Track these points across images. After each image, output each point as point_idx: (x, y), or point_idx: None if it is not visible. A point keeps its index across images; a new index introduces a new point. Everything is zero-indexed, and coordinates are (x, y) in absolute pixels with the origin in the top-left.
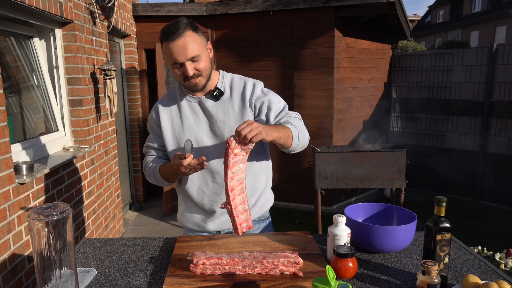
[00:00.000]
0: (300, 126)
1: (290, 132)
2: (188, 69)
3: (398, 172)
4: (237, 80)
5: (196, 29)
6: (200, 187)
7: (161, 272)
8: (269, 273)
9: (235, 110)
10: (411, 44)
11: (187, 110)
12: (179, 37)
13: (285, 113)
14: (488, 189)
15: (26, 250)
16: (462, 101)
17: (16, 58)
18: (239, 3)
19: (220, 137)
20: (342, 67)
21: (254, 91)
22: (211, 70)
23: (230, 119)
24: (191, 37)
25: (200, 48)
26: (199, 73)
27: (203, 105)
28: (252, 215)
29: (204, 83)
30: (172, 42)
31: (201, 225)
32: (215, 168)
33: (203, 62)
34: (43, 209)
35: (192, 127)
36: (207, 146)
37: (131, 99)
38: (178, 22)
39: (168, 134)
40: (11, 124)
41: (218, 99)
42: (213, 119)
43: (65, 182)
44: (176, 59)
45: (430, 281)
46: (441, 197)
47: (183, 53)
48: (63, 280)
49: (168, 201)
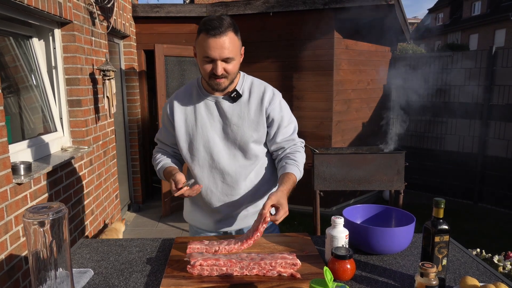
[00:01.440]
0: (302, 163)
1: (295, 181)
2: (218, 68)
3: (397, 174)
4: (257, 85)
5: (237, 31)
6: (209, 186)
7: (158, 273)
8: (266, 275)
9: (251, 115)
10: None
11: (203, 108)
12: (220, 34)
13: (291, 140)
14: (486, 191)
15: (23, 250)
16: (461, 104)
17: (15, 58)
18: (238, 5)
19: (232, 140)
20: (342, 69)
21: (272, 101)
22: (236, 75)
23: (245, 123)
24: (231, 38)
25: (235, 52)
26: (226, 74)
27: (219, 105)
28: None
29: (227, 84)
30: (212, 38)
31: (209, 225)
32: (224, 168)
33: (233, 65)
34: (38, 209)
35: (205, 125)
36: (219, 146)
37: (130, 100)
38: (222, 19)
39: (181, 130)
40: (10, 124)
41: (235, 101)
42: (227, 120)
43: (63, 183)
44: (210, 54)
45: (428, 283)
46: (439, 199)
47: (219, 51)
48: (59, 281)
49: (166, 203)
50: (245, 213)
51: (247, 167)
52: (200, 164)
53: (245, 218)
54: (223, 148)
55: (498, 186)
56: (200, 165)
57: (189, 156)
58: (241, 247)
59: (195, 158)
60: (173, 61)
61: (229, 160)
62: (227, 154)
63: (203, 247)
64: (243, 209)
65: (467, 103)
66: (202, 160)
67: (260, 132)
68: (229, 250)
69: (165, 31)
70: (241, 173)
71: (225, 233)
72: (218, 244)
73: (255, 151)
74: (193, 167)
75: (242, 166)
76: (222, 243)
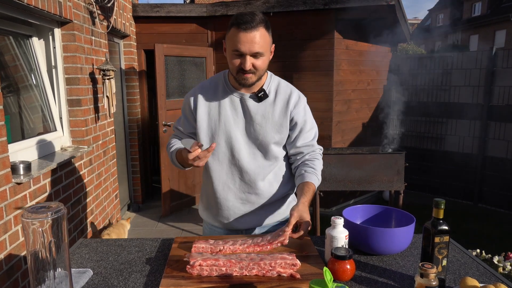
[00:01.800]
0: (320, 171)
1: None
2: (247, 63)
3: (397, 174)
4: (284, 86)
5: (268, 28)
6: (227, 183)
7: (157, 273)
8: (266, 275)
9: (275, 116)
10: (411, 47)
11: (227, 103)
12: (252, 29)
13: (311, 146)
14: (486, 192)
15: (22, 250)
16: (462, 104)
17: (15, 58)
18: (239, 5)
19: (254, 139)
20: (342, 69)
21: (297, 105)
22: (264, 71)
23: (268, 123)
24: (262, 34)
25: (265, 47)
26: (255, 70)
27: (244, 103)
28: (278, 217)
29: (254, 81)
30: (243, 32)
31: (222, 222)
32: (244, 166)
33: (262, 61)
34: (37, 208)
35: (229, 121)
36: (240, 143)
37: (130, 99)
38: (254, 14)
39: (203, 123)
40: (9, 123)
41: (261, 100)
42: (251, 119)
43: (63, 182)
44: (239, 48)
45: (428, 284)
46: (439, 199)
47: (249, 45)
48: (57, 281)
49: (166, 202)
50: (261, 212)
51: (266, 168)
52: (220, 159)
53: (260, 218)
54: (244, 146)
55: (498, 186)
56: (219, 160)
57: None
58: (246, 250)
59: (215, 152)
60: (173, 61)
61: (249, 158)
62: (247, 152)
63: (208, 246)
64: (258, 209)
65: (467, 104)
66: (222, 155)
67: (283, 134)
68: (233, 250)
69: (165, 31)
70: (259, 173)
71: (237, 232)
72: (223, 243)
73: (276, 153)
74: (212, 161)
75: (261, 166)
76: (227, 243)
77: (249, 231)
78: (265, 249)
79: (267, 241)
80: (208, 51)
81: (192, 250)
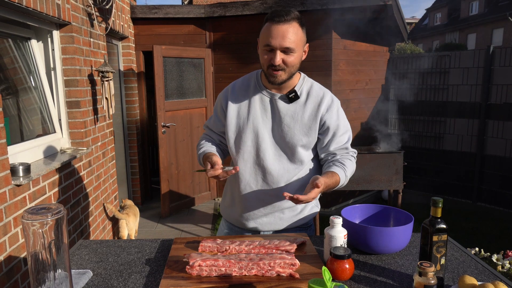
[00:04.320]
0: (350, 171)
1: (337, 184)
2: (277, 57)
3: (395, 174)
4: (316, 89)
5: (303, 25)
6: (249, 182)
7: (157, 274)
8: (265, 275)
9: (304, 119)
10: (408, 47)
11: (257, 102)
12: (284, 22)
13: (344, 148)
14: (485, 190)
15: (22, 252)
16: (460, 103)
17: (14, 60)
18: (237, 6)
19: (281, 140)
20: (340, 69)
21: (330, 108)
22: (296, 70)
23: (297, 125)
24: (294, 29)
25: (297, 43)
26: (284, 67)
27: (274, 103)
28: (299, 222)
29: (284, 78)
30: (275, 24)
31: (241, 222)
32: (268, 167)
33: (293, 58)
34: (37, 210)
35: (257, 120)
36: (266, 143)
37: (129, 101)
38: (290, 11)
39: (232, 122)
40: (8, 125)
41: (292, 101)
42: (280, 120)
43: (62, 184)
44: (270, 41)
45: (426, 283)
46: (437, 198)
47: (280, 38)
48: (57, 282)
49: (165, 203)
50: (281, 216)
51: (290, 171)
52: (245, 158)
53: (280, 221)
54: (271, 146)
55: (497, 185)
56: (244, 159)
57: (235, 148)
58: (252, 251)
59: (240, 150)
60: (171, 62)
61: (274, 159)
62: (273, 153)
63: (214, 245)
64: (279, 212)
65: (465, 103)
66: (248, 154)
67: (311, 138)
68: (238, 251)
69: (164, 32)
70: (283, 176)
71: (255, 232)
72: (230, 243)
73: (302, 156)
74: (238, 159)
75: (285, 168)
76: (234, 243)
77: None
78: (270, 252)
79: (274, 245)
80: (206, 52)
81: (199, 248)
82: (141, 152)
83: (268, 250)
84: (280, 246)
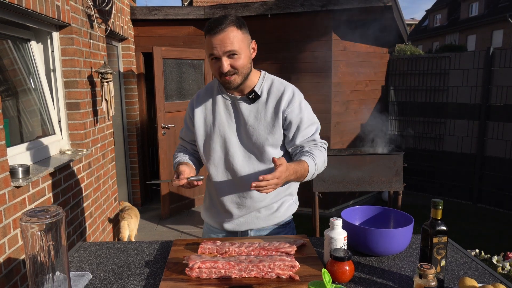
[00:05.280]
0: (320, 161)
1: (306, 172)
2: (224, 65)
3: (395, 175)
4: (277, 85)
5: (241, 26)
6: (222, 187)
7: (156, 276)
8: (265, 277)
9: (267, 117)
10: (408, 48)
11: (221, 107)
12: (220, 31)
13: (312, 140)
14: (485, 192)
15: (21, 254)
16: (460, 105)
17: (13, 61)
18: (236, 7)
19: (248, 141)
20: (340, 71)
21: (291, 103)
22: (249, 70)
23: (261, 125)
24: (232, 33)
25: (240, 45)
26: (235, 71)
27: (236, 106)
28: (275, 220)
29: (239, 82)
30: (213, 36)
31: (220, 224)
32: (238, 170)
33: (241, 60)
34: (35, 212)
35: (223, 125)
36: (235, 147)
37: (128, 102)
38: (224, 17)
39: (200, 129)
40: (8, 127)
41: (253, 101)
42: (244, 121)
43: (62, 186)
44: (213, 51)
45: (427, 285)
46: (437, 200)
47: (220, 46)
48: (56, 284)
49: (165, 205)
50: (257, 215)
51: (261, 171)
52: (215, 163)
53: (257, 220)
54: (239, 149)
55: (497, 186)
56: (215, 165)
57: (205, 155)
58: (251, 253)
59: (210, 157)
60: (171, 64)
61: (243, 162)
62: (242, 155)
63: (214, 247)
64: (255, 211)
65: (465, 104)
66: (218, 159)
67: (277, 135)
68: (238, 253)
69: (164, 33)
70: (254, 177)
71: (234, 233)
72: (230, 245)
73: (271, 155)
74: (209, 166)
75: (256, 169)
76: (234, 245)
77: (246, 233)
78: (270, 254)
79: (274, 247)
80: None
81: (198, 250)
82: (141, 153)
83: (268, 252)
84: (280, 248)
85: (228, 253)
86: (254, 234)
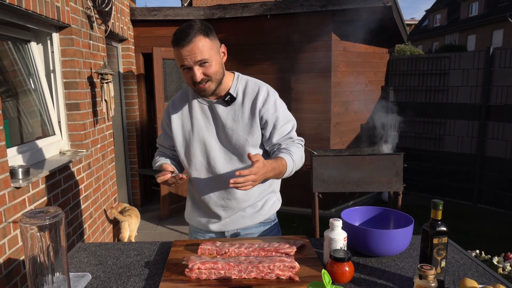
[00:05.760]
0: (297, 157)
1: (284, 168)
2: (196, 74)
3: (395, 175)
4: (252, 86)
5: (207, 33)
6: (205, 191)
7: (156, 277)
8: (265, 278)
9: (245, 118)
10: (408, 48)
11: (198, 112)
12: (188, 43)
13: (289, 138)
14: (486, 192)
15: (21, 254)
16: (459, 105)
17: (13, 62)
18: (236, 7)
19: (228, 144)
20: (340, 71)
21: (266, 103)
22: (222, 75)
23: (239, 126)
24: (200, 42)
25: (209, 53)
26: (208, 78)
27: (213, 110)
28: (260, 218)
29: (213, 88)
30: (181, 48)
31: (206, 225)
32: (221, 173)
33: (212, 67)
34: (35, 213)
35: (202, 129)
36: (215, 151)
37: (128, 103)
38: (189, 26)
39: (178, 136)
40: (8, 128)
41: (230, 104)
42: (222, 124)
43: (62, 186)
44: (184, 63)
45: (427, 285)
46: (437, 200)
47: (190, 57)
48: (56, 285)
49: (165, 205)
50: (242, 214)
51: None
52: (197, 168)
53: (242, 219)
54: (220, 152)
55: (497, 186)
56: (197, 170)
57: (186, 161)
58: (251, 254)
59: (191, 162)
60: (171, 64)
61: (225, 164)
62: (223, 158)
63: (213, 248)
64: (240, 212)
65: (465, 104)
66: (199, 164)
67: (255, 135)
68: (238, 254)
69: (163, 34)
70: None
71: (221, 235)
72: (229, 246)
73: None
74: (190, 171)
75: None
76: (233, 246)
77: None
78: (269, 255)
79: (273, 248)
80: None
81: (198, 251)
82: (140, 154)
83: (268, 252)
84: (279, 249)
85: (228, 254)
86: (242, 234)
